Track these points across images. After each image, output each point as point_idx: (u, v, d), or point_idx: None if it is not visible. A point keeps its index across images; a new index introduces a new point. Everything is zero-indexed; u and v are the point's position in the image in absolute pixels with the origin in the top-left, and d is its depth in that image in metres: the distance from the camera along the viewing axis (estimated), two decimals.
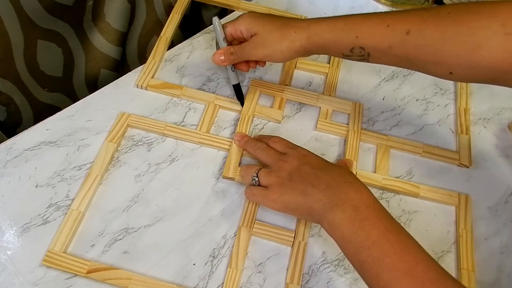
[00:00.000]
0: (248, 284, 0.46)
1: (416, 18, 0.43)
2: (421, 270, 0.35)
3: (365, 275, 0.38)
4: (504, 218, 0.53)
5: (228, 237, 0.49)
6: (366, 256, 0.37)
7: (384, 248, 0.37)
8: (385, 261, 0.36)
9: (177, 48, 0.64)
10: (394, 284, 0.35)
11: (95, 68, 0.70)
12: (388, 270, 0.36)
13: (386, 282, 0.36)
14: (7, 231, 0.47)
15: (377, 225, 0.39)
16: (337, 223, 0.40)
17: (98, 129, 0.54)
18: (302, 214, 0.45)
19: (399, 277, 0.35)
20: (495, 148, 0.59)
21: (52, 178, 0.50)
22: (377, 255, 0.37)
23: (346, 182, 0.43)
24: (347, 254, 0.40)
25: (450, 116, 0.61)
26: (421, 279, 0.35)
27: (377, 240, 0.38)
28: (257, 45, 0.50)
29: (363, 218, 0.39)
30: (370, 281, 0.37)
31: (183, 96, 0.58)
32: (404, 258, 0.36)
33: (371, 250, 0.37)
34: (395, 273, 0.36)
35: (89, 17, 0.64)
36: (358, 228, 0.39)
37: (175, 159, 0.54)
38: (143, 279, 0.45)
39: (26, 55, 0.60)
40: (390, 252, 0.37)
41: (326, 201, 0.41)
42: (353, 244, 0.39)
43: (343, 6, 0.72)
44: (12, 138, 0.53)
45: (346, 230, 0.39)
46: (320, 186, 0.43)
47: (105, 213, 0.49)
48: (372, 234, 0.38)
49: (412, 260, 0.36)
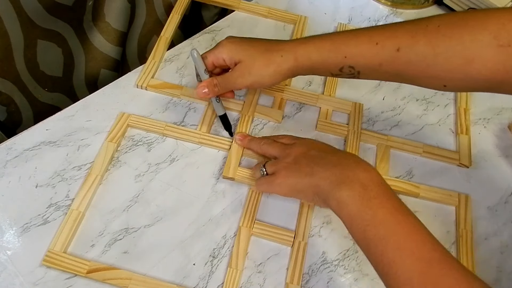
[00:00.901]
0: (248, 284, 0.46)
1: (405, 34, 0.42)
2: (427, 250, 0.35)
3: (370, 253, 0.38)
4: (504, 218, 0.53)
5: (228, 237, 0.49)
6: (372, 234, 0.37)
7: (391, 227, 0.37)
8: (391, 239, 0.36)
9: (177, 48, 0.64)
10: (399, 263, 0.35)
11: (95, 68, 0.70)
12: (393, 249, 0.36)
13: (390, 260, 0.36)
14: (7, 231, 0.47)
15: (385, 204, 0.38)
16: (344, 200, 0.40)
17: (98, 129, 0.54)
18: (308, 195, 0.44)
19: (404, 256, 0.35)
20: (495, 148, 0.59)
21: (52, 178, 0.50)
22: (383, 233, 0.37)
23: (354, 162, 0.42)
24: (353, 231, 0.40)
25: (450, 116, 0.61)
26: (427, 259, 0.35)
27: (384, 219, 0.37)
28: (243, 73, 0.48)
29: (371, 196, 0.39)
30: (375, 259, 0.37)
31: (183, 96, 0.58)
32: (410, 237, 0.36)
33: (378, 228, 0.37)
34: (400, 251, 0.36)
35: (89, 17, 0.64)
36: (366, 206, 0.38)
37: (175, 159, 0.54)
38: (143, 279, 0.45)
39: (26, 55, 0.60)
40: (396, 231, 0.37)
41: (333, 179, 0.41)
42: (360, 221, 0.38)
43: (343, 6, 0.72)
44: (12, 138, 0.53)
45: (354, 207, 0.39)
46: (327, 166, 0.43)
47: (105, 213, 0.49)
48: (380, 212, 0.38)
49: (418, 240, 0.36)
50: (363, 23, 0.70)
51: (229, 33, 0.66)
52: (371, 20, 0.70)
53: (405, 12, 0.72)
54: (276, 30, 0.68)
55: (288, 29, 0.68)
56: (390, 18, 0.71)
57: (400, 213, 0.38)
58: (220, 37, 0.65)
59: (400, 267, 0.35)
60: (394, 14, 0.72)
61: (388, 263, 0.36)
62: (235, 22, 0.68)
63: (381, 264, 0.37)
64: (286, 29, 0.68)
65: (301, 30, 0.66)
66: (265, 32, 0.67)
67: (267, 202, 0.51)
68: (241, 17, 0.69)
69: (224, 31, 0.66)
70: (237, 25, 0.67)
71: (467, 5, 0.69)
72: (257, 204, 0.50)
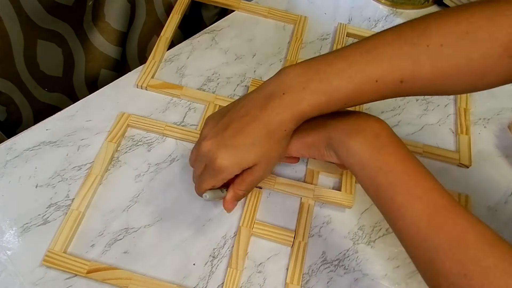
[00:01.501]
0: (248, 284, 0.46)
1: (405, 61, 0.38)
2: (434, 196, 0.36)
3: (379, 198, 0.39)
4: (504, 218, 0.53)
5: (228, 237, 0.49)
6: (382, 181, 0.38)
7: (401, 174, 0.38)
8: (401, 185, 0.37)
9: (177, 48, 0.64)
10: (407, 207, 0.36)
11: (95, 68, 0.70)
12: (402, 194, 0.37)
13: (399, 205, 0.36)
14: (7, 231, 0.47)
15: (396, 153, 0.39)
16: (357, 148, 0.40)
17: (98, 129, 0.54)
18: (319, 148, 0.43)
19: (412, 200, 0.36)
20: (495, 148, 0.59)
21: (52, 178, 0.50)
22: (393, 179, 0.37)
23: (365, 115, 0.42)
24: (362, 179, 0.40)
25: (450, 116, 0.61)
26: (434, 204, 0.36)
27: (395, 166, 0.38)
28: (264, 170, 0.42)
29: (383, 145, 0.39)
30: (384, 205, 0.38)
31: (183, 96, 0.58)
32: (419, 184, 0.37)
33: (388, 175, 0.38)
34: (409, 197, 0.36)
35: (89, 17, 0.64)
36: (378, 153, 0.39)
37: (175, 159, 0.54)
38: (143, 279, 0.45)
39: (26, 55, 0.60)
40: (406, 178, 0.37)
41: (345, 128, 0.41)
42: (370, 168, 0.39)
43: (343, 6, 0.72)
44: (12, 138, 0.53)
45: (365, 155, 0.39)
46: (339, 117, 0.42)
47: (105, 213, 0.49)
48: (391, 160, 0.38)
49: (426, 186, 0.37)
50: (363, 23, 0.70)
51: (229, 33, 0.66)
52: (371, 20, 0.70)
53: (405, 12, 0.72)
54: (276, 30, 0.68)
55: (288, 29, 0.68)
56: (390, 18, 0.71)
57: (410, 161, 0.38)
58: (220, 37, 0.65)
59: (408, 211, 0.36)
60: (394, 14, 0.72)
61: (397, 208, 0.37)
62: (235, 22, 0.68)
63: (390, 209, 0.37)
64: (286, 29, 0.68)
65: (301, 30, 0.66)
66: (265, 32, 0.67)
67: (267, 202, 0.51)
68: (241, 17, 0.69)
69: (224, 31, 0.66)
70: (237, 25, 0.67)
71: None
72: (257, 204, 0.50)
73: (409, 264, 0.49)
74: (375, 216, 0.52)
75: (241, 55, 0.64)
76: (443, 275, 0.33)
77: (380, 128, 0.40)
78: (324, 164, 0.54)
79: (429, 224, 0.35)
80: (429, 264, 0.34)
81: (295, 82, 0.40)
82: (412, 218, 0.36)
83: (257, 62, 0.63)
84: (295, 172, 0.54)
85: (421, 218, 0.35)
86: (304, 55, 0.64)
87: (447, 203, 0.36)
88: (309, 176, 0.53)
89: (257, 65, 0.63)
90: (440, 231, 0.34)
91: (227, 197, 0.44)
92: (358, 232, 0.51)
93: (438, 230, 0.34)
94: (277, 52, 0.65)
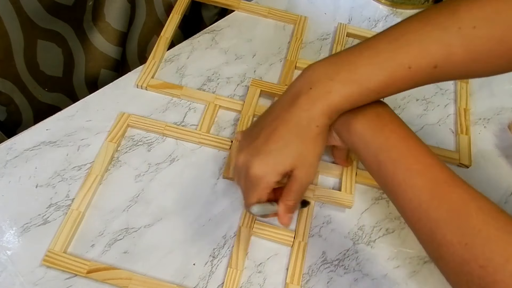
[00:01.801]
0: (248, 284, 0.46)
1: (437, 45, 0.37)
2: (435, 171, 0.36)
3: (380, 175, 0.39)
4: None
5: (228, 237, 0.49)
6: (384, 157, 0.38)
7: (402, 150, 0.38)
8: (401, 161, 0.37)
9: (177, 48, 0.64)
10: (408, 182, 0.36)
11: (95, 68, 0.70)
12: (403, 170, 0.37)
13: (400, 180, 0.37)
14: (7, 231, 0.47)
15: (397, 130, 0.39)
16: (359, 127, 0.40)
17: (98, 129, 0.54)
18: None
19: (414, 176, 0.36)
20: (495, 148, 0.59)
21: (52, 178, 0.50)
22: (395, 156, 0.38)
23: None
24: (364, 156, 0.40)
25: (450, 116, 0.61)
26: (435, 179, 0.36)
27: (396, 143, 0.38)
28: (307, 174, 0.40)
29: (384, 123, 0.40)
30: (385, 180, 0.38)
31: (183, 96, 0.58)
32: (420, 160, 0.37)
33: (390, 152, 0.38)
34: (410, 172, 0.37)
35: (89, 17, 0.64)
36: (379, 131, 0.39)
37: (175, 159, 0.54)
38: (143, 279, 0.45)
39: (26, 55, 0.60)
40: (406, 154, 0.38)
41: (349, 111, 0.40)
42: (373, 146, 0.39)
43: (343, 6, 0.72)
44: (12, 138, 0.53)
45: (368, 133, 0.39)
46: None
47: (105, 213, 0.49)
48: (392, 137, 0.39)
49: (427, 162, 0.37)
50: (363, 23, 0.70)
51: (229, 33, 0.66)
52: (371, 20, 0.70)
53: (405, 12, 0.72)
54: (276, 30, 0.68)
55: (288, 29, 0.68)
56: (390, 18, 0.71)
57: (410, 139, 0.39)
58: (220, 37, 0.65)
59: (409, 186, 0.36)
60: (394, 14, 0.72)
61: (398, 183, 0.37)
62: (235, 22, 0.68)
63: (391, 185, 0.38)
64: (286, 29, 0.68)
65: (301, 30, 0.66)
66: (265, 32, 0.67)
67: None
68: (241, 17, 0.69)
69: (224, 31, 0.66)
70: (237, 25, 0.67)
71: None
72: None
73: (409, 264, 0.49)
74: (375, 216, 0.52)
75: (241, 55, 0.64)
76: (444, 245, 0.34)
77: (381, 108, 0.41)
78: (324, 164, 0.54)
79: (431, 197, 0.35)
80: (431, 236, 0.35)
81: (322, 75, 0.39)
82: (414, 193, 0.36)
83: (257, 62, 0.63)
84: None
85: (422, 192, 0.36)
86: (304, 55, 0.64)
87: (447, 177, 0.36)
88: None
89: (257, 65, 0.63)
90: (441, 203, 0.35)
91: (279, 212, 0.42)
92: (358, 232, 0.51)
93: (439, 202, 0.35)
94: (277, 52, 0.65)
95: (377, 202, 0.53)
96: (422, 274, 0.48)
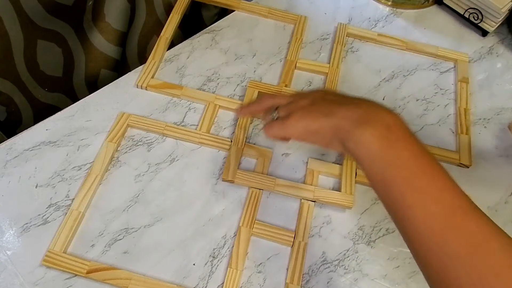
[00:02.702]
0: (248, 284, 0.46)
1: None
2: (450, 197, 0.33)
3: (387, 195, 0.36)
4: (504, 218, 0.53)
5: (228, 237, 0.49)
6: (392, 176, 0.35)
7: (414, 170, 0.34)
8: (413, 183, 0.34)
9: (177, 48, 0.64)
10: (420, 206, 0.33)
11: (95, 68, 0.70)
12: (414, 192, 0.34)
13: (410, 204, 0.33)
14: (7, 231, 0.47)
15: (409, 147, 0.36)
16: (366, 140, 0.36)
17: (98, 129, 0.54)
18: (325, 137, 0.40)
19: (426, 200, 0.33)
20: (495, 148, 0.59)
21: (52, 178, 0.50)
22: (405, 175, 0.34)
23: (377, 105, 0.39)
24: (370, 173, 0.37)
25: (450, 116, 0.61)
26: (449, 205, 0.33)
27: (408, 161, 0.35)
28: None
29: (395, 138, 0.36)
30: (392, 202, 0.35)
31: (183, 96, 0.58)
32: (434, 183, 0.34)
33: (400, 170, 0.35)
34: (422, 195, 0.33)
35: (89, 17, 0.64)
36: (388, 146, 0.35)
37: (175, 159, 0.54)
38: (143, 279, 0.45)
39: (26, 55, 0.60)
40: (419, 175, 0.34)
41: (355, 118, 0.37)
42: (380, 162, 0.36)
43: (343, 6, 0.72)
44: (12, 138, 0.53)
45: (375, 147, 0.36)
46: (348, 106, 0.39)
47: (105, 213, 0.49)
48: (403, 155, 0.35)
49: (441, 186, 0.34)
50: (363, 23, 0.70)
51: (229, 33, 0.66)
52: (371, 20, 0.70)
53: (405, 12, 0.72)
54: (276, 30, 0.68)
55: (288, 29, 0.68)
56: (390, 18, 0.71)
57: (424, 157, 0.35)
58: (220, 37, 0.65)
59: (420, 211, 0.33)
60: (394, 14, 0.72)
61: (408, 206, 0.33)
62: (235, 22, 0.68)
63: (399, 207, 0.34)
64: (286, 29, 0.68)
65: (301, 30, 0.66)
66: (265, 32, 0.67)
67: (267, 202, 0.51)
68: (241, 17, 0.69)
69: (224, 31, 0.66)
70: (237, 25, 0.67)
71: (467, 5, 0.69)
72: (257, 204, 0.50)
73: (409, 264, 0.49)
74: (375, 216, 0.52)
75: (241, 55, 0.64)
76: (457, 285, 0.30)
77: (392, 120, 0.37)
78: (324, 164, 0.54)
79: (443, 226, 0.32)
80: (442, 273, 0.31)
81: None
82: (425, 219, 0.33)
83: (257, 62, 0.63)
84: (295, 172, 0.54)
85: (435, 220, 0.32)
86: (304, 55, 0.64)
87: (462, 203, 0.33)
88: (309, 177, 0.53)
89: (257, 65, 0.63)
90: (458, 235, 0.31)
91: None
92: (358, 232, 0.51)
93: (455, 234, 0.31)
94: (277, 52, 0.65)
95: (377, 202, 0.53)
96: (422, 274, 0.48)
